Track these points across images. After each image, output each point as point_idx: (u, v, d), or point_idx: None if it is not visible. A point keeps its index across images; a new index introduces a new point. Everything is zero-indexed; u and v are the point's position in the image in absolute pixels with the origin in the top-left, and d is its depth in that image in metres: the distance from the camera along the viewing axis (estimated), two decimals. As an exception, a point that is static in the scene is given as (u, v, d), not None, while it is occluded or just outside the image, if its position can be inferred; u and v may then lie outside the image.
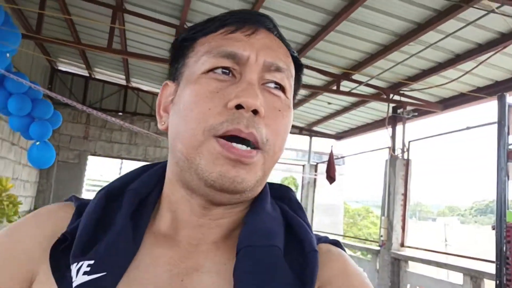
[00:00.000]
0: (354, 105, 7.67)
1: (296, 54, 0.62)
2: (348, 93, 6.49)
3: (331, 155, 7.28)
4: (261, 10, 5.02)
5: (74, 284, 0.48)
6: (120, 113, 9.12)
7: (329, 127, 9.69)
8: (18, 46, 4.42)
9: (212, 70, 0.54)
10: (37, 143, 5.44)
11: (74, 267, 0.50)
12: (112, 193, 0.58)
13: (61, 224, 0.57)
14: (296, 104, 8.35)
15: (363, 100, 7.13)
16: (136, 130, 7.42)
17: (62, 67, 8.40)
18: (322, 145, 11.19)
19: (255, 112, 0.51)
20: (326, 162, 7.54)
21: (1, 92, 4.89)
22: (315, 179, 9.55)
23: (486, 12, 4.10)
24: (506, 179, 3.08)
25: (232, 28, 0.56)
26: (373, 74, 6.10)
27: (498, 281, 2.97)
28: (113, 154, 8.81)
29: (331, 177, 7.15)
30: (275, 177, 10.49)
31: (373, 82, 6.39)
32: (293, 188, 7.61)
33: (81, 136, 8.61)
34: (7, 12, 4.33)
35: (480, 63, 5.10)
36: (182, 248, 0.56)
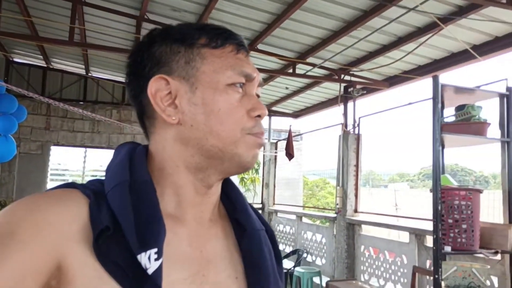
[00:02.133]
0: (309, 86, 8.16)
1: None
2: (303, 76, 6.96)
3: (289, 133, 7.77)
4: (220, 1, 5.30)
5: (150, 270, 0.56)
6: (81, 102, 9.07)
7: (287, 107, 10.17)
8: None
9: (233, 84, 0.69)
10: None
11: (144, 256, 0.56)
12: (129, 186, 0.63)
13: (82, 209, 0.60)
14: (255, 86, 8.71)
15: (317, 81, 7.62)
16: (98, 118, 7.50)
17: (18, 59, 8.22)
18: (281, 123, 11.69)
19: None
20: (286, 140, 8.02)
21: (-35, 89, 4.91)
22: (275, 156, 10.06)
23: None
24: (440, 148, 3.65)
25: (235, 49, 0.71)
26: (325, 57, 6.58)
27: (435, 236, 3.48)
28: (76, 143, 8.82)
29: (290, 154, 7.65)
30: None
31: (326, 64, 6.87)
32: (255, 166, 7.95)
33: (42, 127, 8.55)
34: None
35: (420, 44, 5.67)
36: (192, 226, 0.69)
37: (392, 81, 7.27)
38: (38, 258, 0.53)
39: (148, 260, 0.56)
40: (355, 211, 7.08)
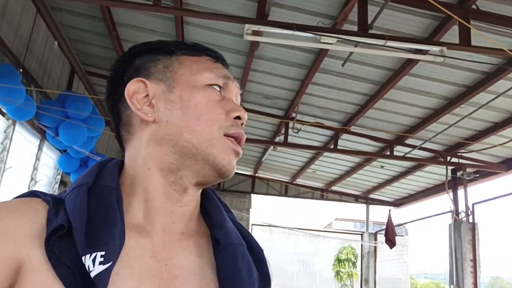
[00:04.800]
0: (411, 171, 7.63)
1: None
2: (403, 158, 6.55)
3: (389, 217, 7.16)
4: (310, 86, 5.44)
5: (93, 274, 0.53)
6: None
7: (386, 194, 9.55)
8: (101, 131, 5.07)
9: (212, 85, 0.69)
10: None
11: (88, 258, 0.54)
12: (90, 190, 0.63)
13: (40, 214, 0.59)
14: (349, 172, 8.44)
15: (419, 164, 7.10)
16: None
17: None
18: (381, 215, 10.92)
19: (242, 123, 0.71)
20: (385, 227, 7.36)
21: (84, 172, 5.51)
22: (375, 248, 9.23)
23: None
24: None
25: (212, 59, 0.73)
26: (426, 137, 6.17)
27: None
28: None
29: (391, 241, 6.95)
30: (333, 245, 10.24)
31: (428, 145, 6.42)
32: (352, 258, 7.36)
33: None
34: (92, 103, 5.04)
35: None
36: (159, 238, 0.65)
37: (511, 163, 6.45)
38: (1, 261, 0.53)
39: (92, 262, 0.53)
40: (477, 317, 5.93)
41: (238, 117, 0.69)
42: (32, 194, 0.64)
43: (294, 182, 9.94)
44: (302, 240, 12.38)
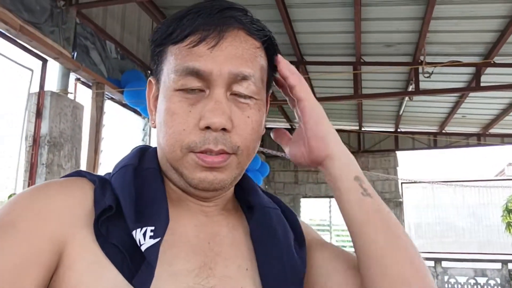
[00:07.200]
0: None
1: (268, 34, 0.63)
2: None
3: None
4: (433, 22, 4.81)
5: (144, 247, 0.53)
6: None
7: None
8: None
9: (182, 90, 0.58)
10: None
11: (138, 232, 0.54)
12: (136, 171, 0.63)
13: (87, 194, 0.59)
14: (507, 110, 7.23)
15: None
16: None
17: (268, 125, 9.73)
18: None
19: (223, 128, 0.57)
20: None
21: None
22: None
23: None
24: None
25: (197, 39, 0.58)
26: None
27: None
28: (321, 194, 9.43)
29: None
30: (506, 194, 9.02)
31: None
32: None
33: (292, 181, 9.58)
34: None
35: None
36: (199, 218, 0.65)
37: None
38: (40, 246, 0.53)
39: (143, 236, 0.54)
40: None
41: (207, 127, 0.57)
42: (78, 174, 0.64)
43: (443, 131, 9.01)
44: (470, 193, 11.29)
